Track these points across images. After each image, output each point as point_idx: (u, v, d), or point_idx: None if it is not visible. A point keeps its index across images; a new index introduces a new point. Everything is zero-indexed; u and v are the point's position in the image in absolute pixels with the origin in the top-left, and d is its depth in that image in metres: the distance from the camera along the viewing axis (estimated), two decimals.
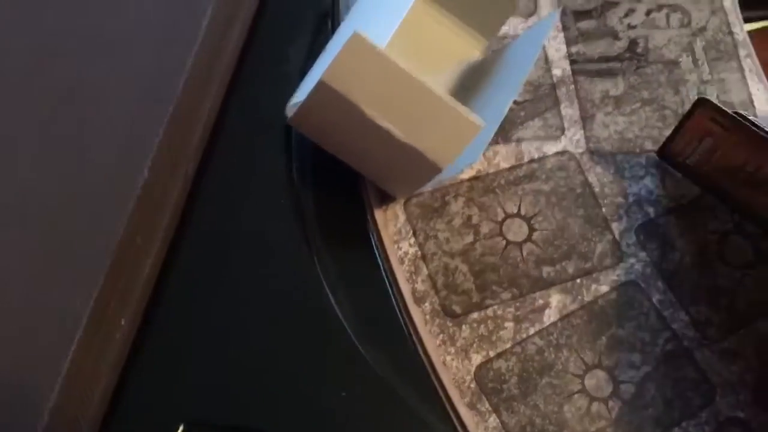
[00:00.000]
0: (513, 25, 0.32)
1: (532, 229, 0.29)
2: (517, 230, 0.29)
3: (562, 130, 0.30)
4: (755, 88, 0.31)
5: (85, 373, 0.25)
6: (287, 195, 0.29)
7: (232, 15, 0.30)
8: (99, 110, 0.27)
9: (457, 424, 0.26)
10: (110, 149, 0.26)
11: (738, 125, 0.26)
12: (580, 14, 0.32)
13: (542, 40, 0.28)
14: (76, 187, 0.26)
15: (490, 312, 0.28)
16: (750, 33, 0.36)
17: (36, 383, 0.24)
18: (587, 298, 0.28)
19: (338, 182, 0.29)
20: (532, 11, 0.32)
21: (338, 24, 0.31)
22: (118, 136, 0.27)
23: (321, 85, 0.24)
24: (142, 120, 0.27)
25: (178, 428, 0.26)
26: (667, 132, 0.30)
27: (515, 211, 0.29)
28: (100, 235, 0.25)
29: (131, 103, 0.27)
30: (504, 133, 0.30)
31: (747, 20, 0.37)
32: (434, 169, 0.25)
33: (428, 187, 0.28)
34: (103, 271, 0.25)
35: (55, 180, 0.26)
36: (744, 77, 0.32)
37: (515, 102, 0.30)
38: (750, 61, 0.32)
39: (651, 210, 0.29)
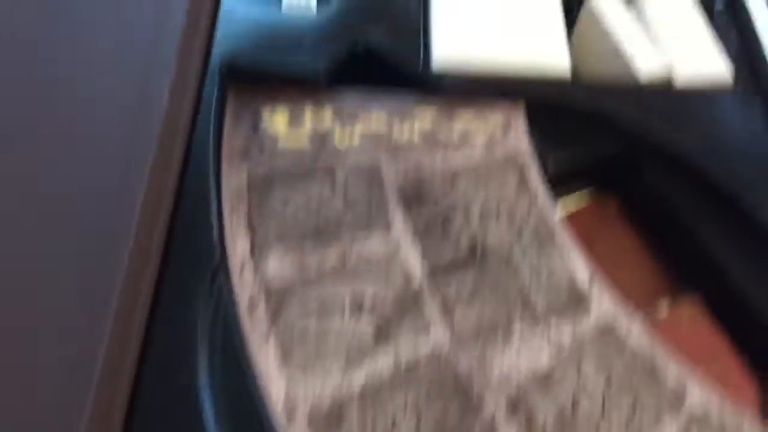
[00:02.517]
0: None
1: None
2: None
3: (428, 331, 0.37)
4: (576, 263, 0.39)
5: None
6: None
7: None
8: None
9: None
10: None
11: None
12: (427, 230, 0.40)
13: None
14: None
15: None
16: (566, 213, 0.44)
17: None
18: None
19: None
20: (388, 232, 0.39)
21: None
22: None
23: None
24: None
25: None
26: (515, 314, 0.37)
27: None
28: None
29: None
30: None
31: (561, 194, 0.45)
32: None
33: None
34: None
35: None
36: (565, 256, 0.39)
37: (384, 314, 0.37)
38: (568, 243, 0.40)
39: None
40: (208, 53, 0.43)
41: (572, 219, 0.45)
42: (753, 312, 0.39)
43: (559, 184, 0.46)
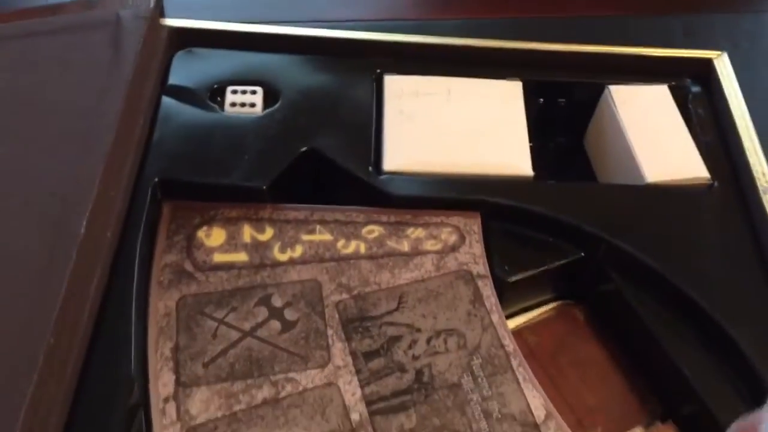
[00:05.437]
0: None
1: None
2: None
3: None
4: (531, 395, 0.35)
5: None
6: None
7: None
8: None
9: None
10: None
11: None
12: (369, 355, 0.36)
13: None
14: None
15: None
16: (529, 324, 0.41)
17: None
18: None
19: None
20: (326, 360, 0.36)
21: None
22: None
23: None
24: None
25: None
26: None
27: None
28: None
29: None
30: None
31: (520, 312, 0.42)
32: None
33: None
34: None
35: None
36: (520, 387, 0.36)
37: None
38: (522, 370, 0.36)
39: None
40: (140, 169, 0.41)
41: (539, 327, 0.41)
42: None
43: (521, 295, 0.42)
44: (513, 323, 0.41)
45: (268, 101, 0.45)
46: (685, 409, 0.38)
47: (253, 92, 0.45)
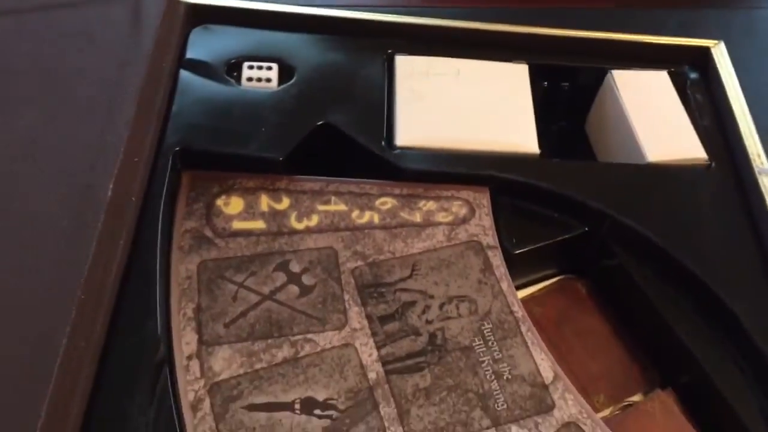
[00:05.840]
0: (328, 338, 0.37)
1: None
2: None
3: (384, 431, 0.34)
4: (539, 358, 0.37)
5: None
6: None
7: None
8: None
9: None
10: None
11: None
12: (385, 318, 0.38)
13: None
14: None
15: None
16: (534, 296, 0.42)
17: None
18: None
19: None
20: (344, 323, 0.38)
21: None
22: None
23: None
24: None
25: None
26: (474, 413, 0.35)
27: None
28: None
29: None
30: None
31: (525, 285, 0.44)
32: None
33: None
34: None
35: None
36: (529, 350, 0.37)
37: (339, 410, 0.35)
38: (531, 335, 0.38)
39: None
40: (161, 139, 0.42)
41: (542, 299, 0.43)
42: (726, 406, 0.37)
43: (527, 267, 0.44)
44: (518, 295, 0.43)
45: (283, 77, 0.46)
46: (684, 378, 0.40)
47: (269, 68, 0.46)
